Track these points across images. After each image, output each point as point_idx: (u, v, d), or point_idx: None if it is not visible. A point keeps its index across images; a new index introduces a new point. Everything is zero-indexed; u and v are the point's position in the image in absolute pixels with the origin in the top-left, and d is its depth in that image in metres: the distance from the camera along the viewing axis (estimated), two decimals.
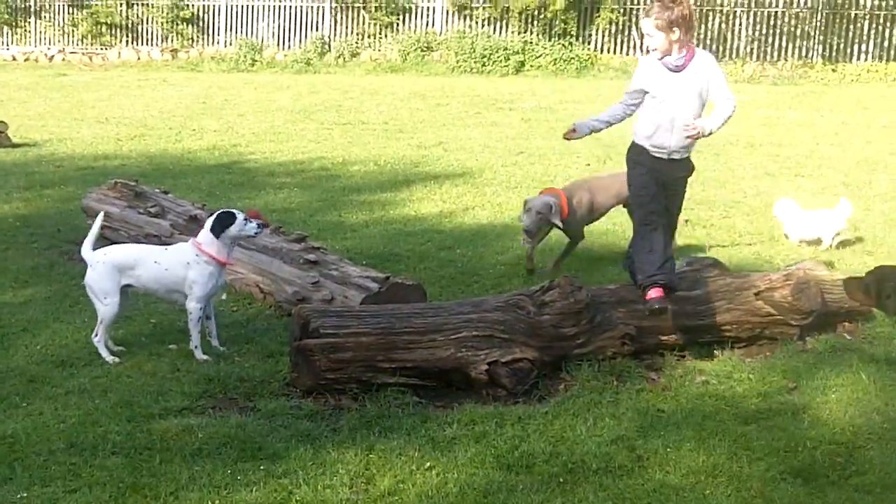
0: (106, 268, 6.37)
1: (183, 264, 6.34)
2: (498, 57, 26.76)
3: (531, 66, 26.71)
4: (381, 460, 4.93)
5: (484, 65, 26.76)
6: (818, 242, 9.29)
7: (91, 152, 14.68)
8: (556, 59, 26.64)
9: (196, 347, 6.33)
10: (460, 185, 12.28)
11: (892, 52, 26.24)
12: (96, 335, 6.36)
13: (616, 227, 10.26)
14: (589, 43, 27.83)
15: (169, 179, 12.19)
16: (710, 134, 6.22)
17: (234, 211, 6.50)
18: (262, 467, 4.83)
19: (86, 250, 6.47)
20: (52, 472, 4.73)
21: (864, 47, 26.48)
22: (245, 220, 6.42)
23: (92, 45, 30.97)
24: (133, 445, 5.03)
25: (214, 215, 6.50)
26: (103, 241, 9.08)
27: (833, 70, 25.60)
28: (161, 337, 6.74)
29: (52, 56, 29.86)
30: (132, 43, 30.91)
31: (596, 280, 7.70)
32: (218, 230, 6.35)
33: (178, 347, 6.52)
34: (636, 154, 6.37)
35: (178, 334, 6.79)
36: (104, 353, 6.32)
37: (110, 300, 6.35)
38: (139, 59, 29.54)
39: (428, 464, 4.88)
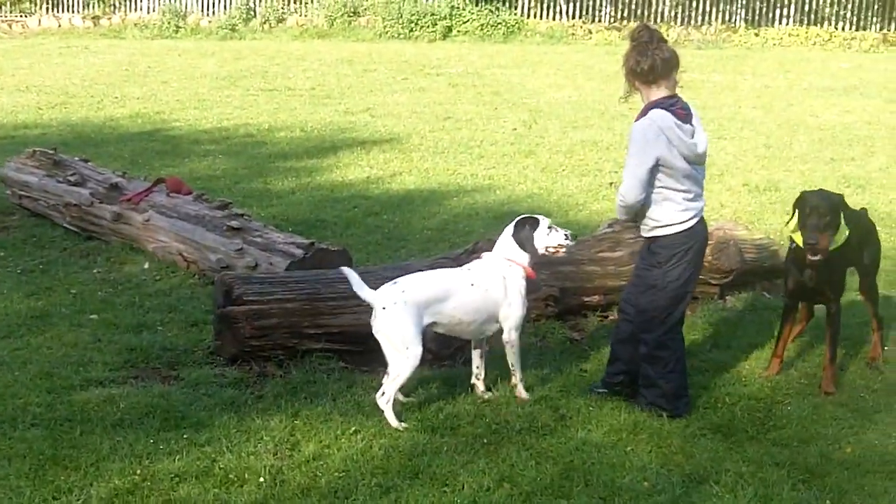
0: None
1: None
2: (425, 22, 26.61)
3: (458, 31, 26.61)
4: (306, 426, 4.93)
5: (411, 30, 26.59)
6: None
7: (10, 121, 14.30)
8: (483, 25, 26.58)
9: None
10: (387, 151, 12.23)
11: (813, 17, 26.72)
12: (383, 394, 5.08)
13: (541, 191, 10.33)
14: (516, 8, 27.81)
15: (91, 148, 11.95)
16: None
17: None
18: (185, 436, 4.79)
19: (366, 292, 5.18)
20: None
21: (785, 11, 26.89)
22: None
23: (11, 12, 30.07)
24: (53, 417, 4.95)
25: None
26: (21, 211, 8.97)
27: (756, 34, 25.95)
28: (82, 307, 6.62)
29: None
30: (52, 10, 30.09)
31: None
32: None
33: (98, 318, 6.41)
34: None
35: (99, 304, 6.69)
36: (391, 416, 5.02)
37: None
38: (60, 26, 28.77)
39: (353, 428, 4.89)
